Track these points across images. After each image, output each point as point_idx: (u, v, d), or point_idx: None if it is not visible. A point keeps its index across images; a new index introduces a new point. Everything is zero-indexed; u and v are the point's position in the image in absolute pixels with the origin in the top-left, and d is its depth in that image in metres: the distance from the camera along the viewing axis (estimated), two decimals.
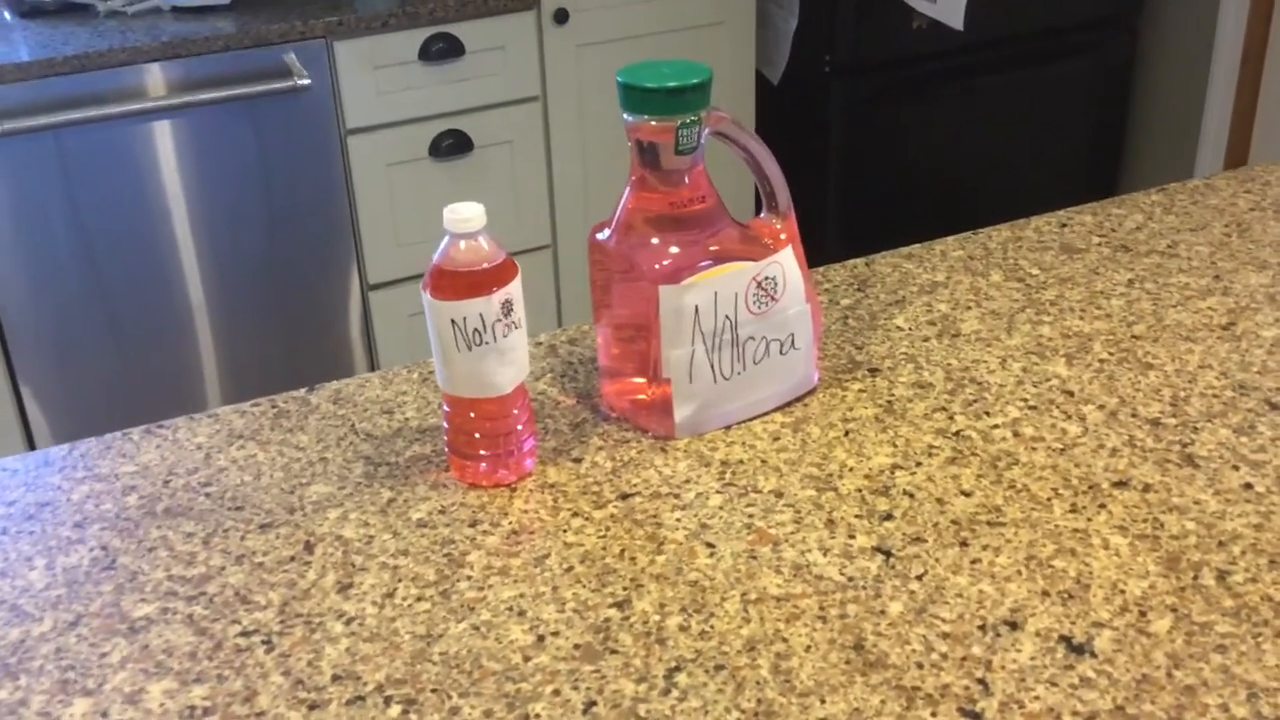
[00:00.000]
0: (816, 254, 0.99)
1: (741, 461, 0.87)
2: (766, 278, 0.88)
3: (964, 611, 0.72)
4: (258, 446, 0.92)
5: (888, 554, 0.77)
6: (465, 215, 0.79)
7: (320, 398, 0.98)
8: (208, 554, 0.80)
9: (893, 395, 0.94)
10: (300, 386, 0.99)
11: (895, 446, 0.88)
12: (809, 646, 0.70)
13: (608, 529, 0.81)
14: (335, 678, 0.69)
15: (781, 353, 0.91)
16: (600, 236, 0.90)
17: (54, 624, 0.75)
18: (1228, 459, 0.85)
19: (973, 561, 0.76)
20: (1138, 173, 3.03)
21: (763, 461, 0.87)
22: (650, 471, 0.87)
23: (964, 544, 0.78)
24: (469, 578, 0.77)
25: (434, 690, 0.68)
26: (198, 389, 2.28)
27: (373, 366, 2.41)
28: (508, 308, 0.81)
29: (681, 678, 0.68)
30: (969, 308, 1.07)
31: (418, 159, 2.29)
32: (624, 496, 0.84)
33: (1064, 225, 1.21)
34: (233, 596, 0.76)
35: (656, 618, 0.73)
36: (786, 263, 0.89)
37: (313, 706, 0.68)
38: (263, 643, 0.72)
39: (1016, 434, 0.89)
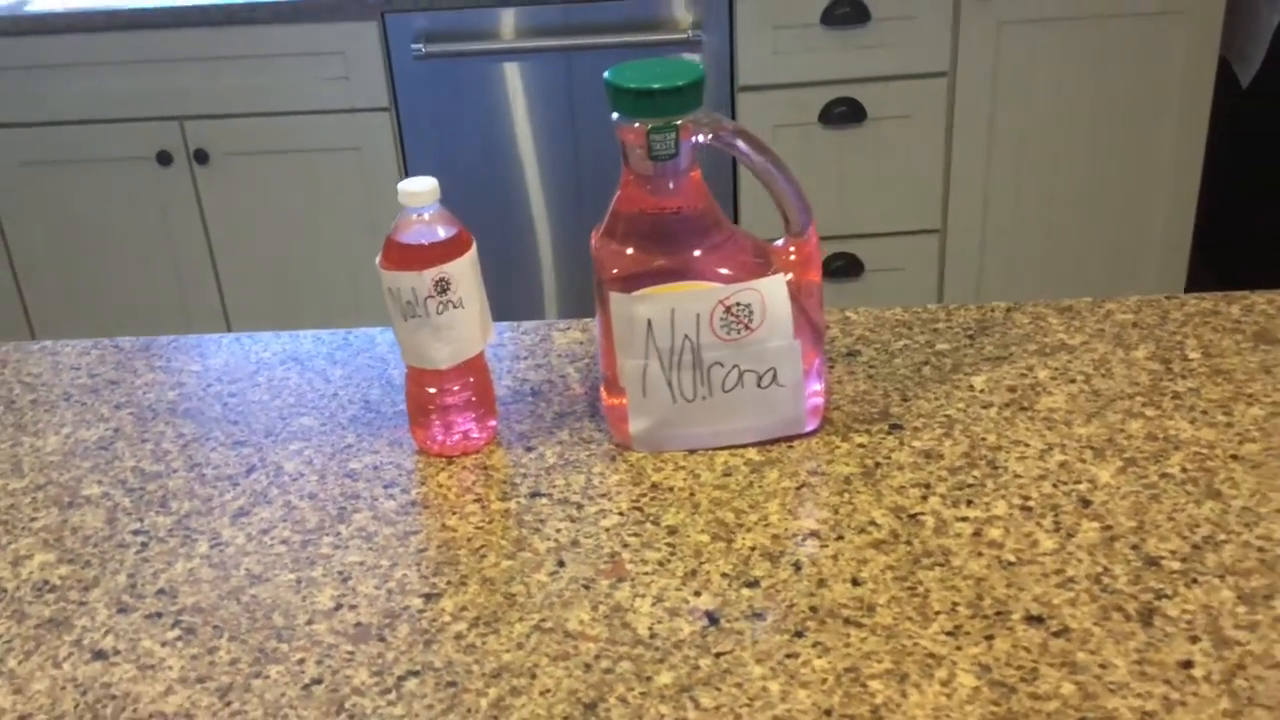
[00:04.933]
0: (1251, 279, 0.85)
1: (671, 489, 0.83)
2: (738, 304, 0.82)
3: (726, 703, 0.65)
4: (300, 370, 1.00)
5: (715, 621, 0.71)
6: (412, 189, 0.81)
7: (390, 337, 1.04)
8: (177, 456, 0.90)
9: (887, 459, 0.84)
10: None
11: (836, 514, 0.79)
12: (546, 691, 0.67)
13: (490, 522, 0.81)
14: (159, 592, 0.76)
15: (760, 386, 0.85)
16: (594, 233, 0.88)
17: (27, 484, 0.87)
18: (1189, 629, 0.68)
19: (789, 655, 0.68)
20: None
21: (690, 495, 0.82)
22: (580, 477, 0.85)
23: (799, 634, 0.70)
24: (338, 534, 0.80)
25: (215, 627, 0.73)
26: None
27: None
28: (443, 286, 0.82)
29: (411, 684, 0.68)
30: (1073, 381, 0.92)
31: (807, 123, 2.27)
32: (534, 494, 0.83)
33: None
34: (160, 499, 0.85)
35: (447, 619, 0.73)
36: (769, 291, 0.82)
37: (121, 610, 0.75)
38: (142, 545, 0.81)
39: (978, 534, 0.77)
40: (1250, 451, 0.83)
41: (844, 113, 2.25)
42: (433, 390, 0.86)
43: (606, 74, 0.81)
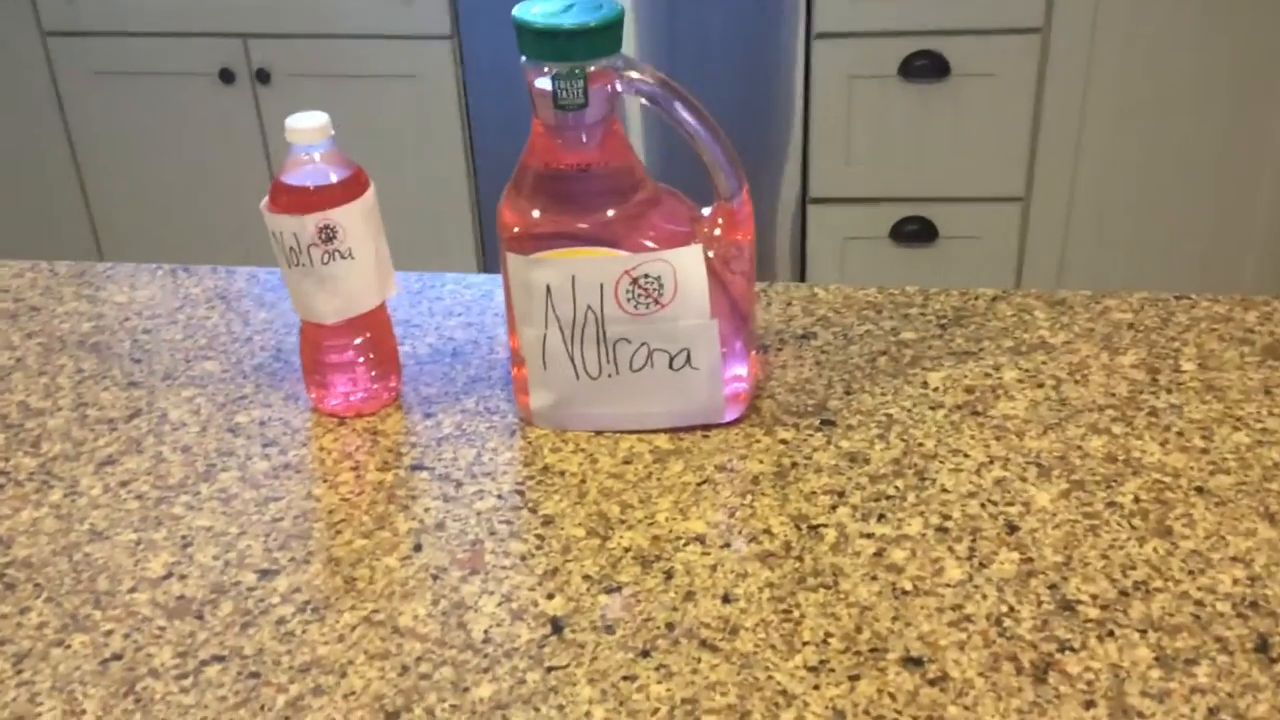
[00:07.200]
0: None
1: (563, 474, 0.75)
2: (646, 275, 0.74)
3: None
4: (224, 309, 0.94)
5: (559, 630, 0.64)
6: (300, 126, 0.74)
7: None
8: (67, 393, 0.85)
9: (809, 459, 0.76)
10: None
11: (733, 517, 0.71)
12: (351, 693, 0.61)
13: (360, 494, 0.74)
14: None
15: (672, 368, 0.76)
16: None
17: None
18: (1087, 692, 0.59)
19: (626, 677, 0.61)
20: None
21: (581, 482, 0.75)
22: (472, 451, 0.78)
23: (646, 654, 0.62)
24: (197, 494, 0.75)
25: (37, 584, 0.68)
26: None
27: (801, 278, 2.34)
28: (328, 234, 0.75)
29: (212, 670, 0.62)
30: (1040, 386, 0.82)
31: (885, 76, 2.14)
32: (416, 467, 0.76)
33: None
34: (33, 438, 0.81)
35: (275, 600, 0.67)
36: (682, 264, 0.74)
37: None
38: None
39: (880, 554, 0.68)
40: (1219, 485, 0.72)
41: (925, 66, 2.12)
42: (324, 345, 0.79)
43: (514, 10, 0.73)
